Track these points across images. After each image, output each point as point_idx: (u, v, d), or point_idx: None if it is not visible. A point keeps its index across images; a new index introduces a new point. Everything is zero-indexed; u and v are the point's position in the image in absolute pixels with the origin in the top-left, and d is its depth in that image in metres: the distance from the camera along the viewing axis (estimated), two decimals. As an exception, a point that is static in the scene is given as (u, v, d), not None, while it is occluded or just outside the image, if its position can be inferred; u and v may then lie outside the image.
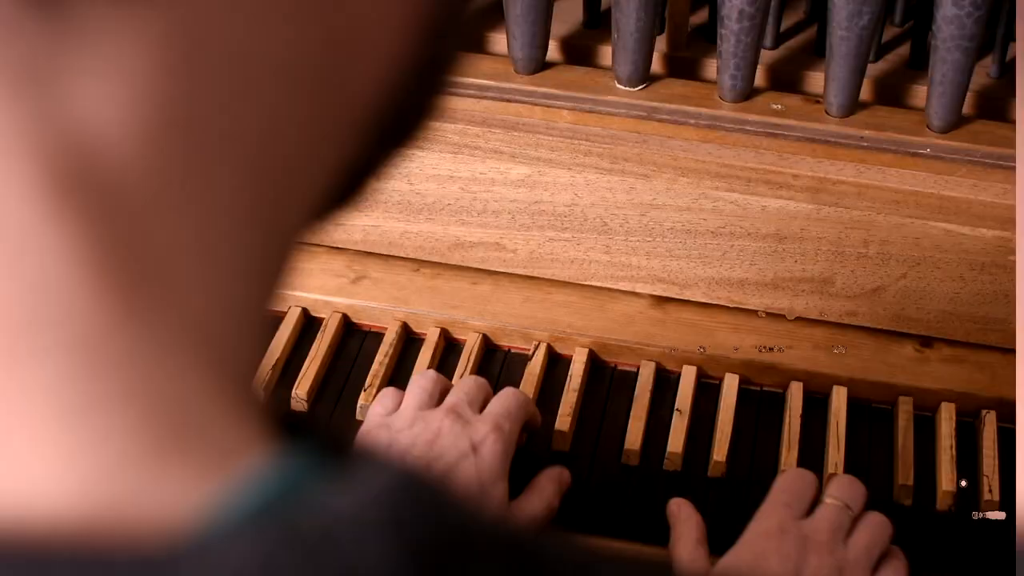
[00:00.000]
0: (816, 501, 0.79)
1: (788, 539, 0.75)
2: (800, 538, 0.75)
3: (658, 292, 0.95)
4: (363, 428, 0.84)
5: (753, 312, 0.95)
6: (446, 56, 0.29)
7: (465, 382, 0.86)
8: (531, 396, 0.90)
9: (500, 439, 0.80)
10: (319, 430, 0.24)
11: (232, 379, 0.23)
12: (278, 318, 0.97)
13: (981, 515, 0.84)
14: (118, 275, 0.21)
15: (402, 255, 0.98)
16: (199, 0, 0.21)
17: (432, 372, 0.87)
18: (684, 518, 0.82)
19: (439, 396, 0.85)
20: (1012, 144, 0.90)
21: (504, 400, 0.84)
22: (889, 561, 0.77)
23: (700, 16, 1.02)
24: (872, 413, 0.92)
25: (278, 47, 0.23)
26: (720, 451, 0.87)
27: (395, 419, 0.82)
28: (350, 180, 0.28)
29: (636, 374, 0.94)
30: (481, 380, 0.86)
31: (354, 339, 0.98)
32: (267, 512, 0.20)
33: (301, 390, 0.91)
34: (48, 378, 0.20)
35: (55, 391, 0.20)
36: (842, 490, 0.79)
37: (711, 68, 0.98)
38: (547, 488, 0.83)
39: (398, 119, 0.28)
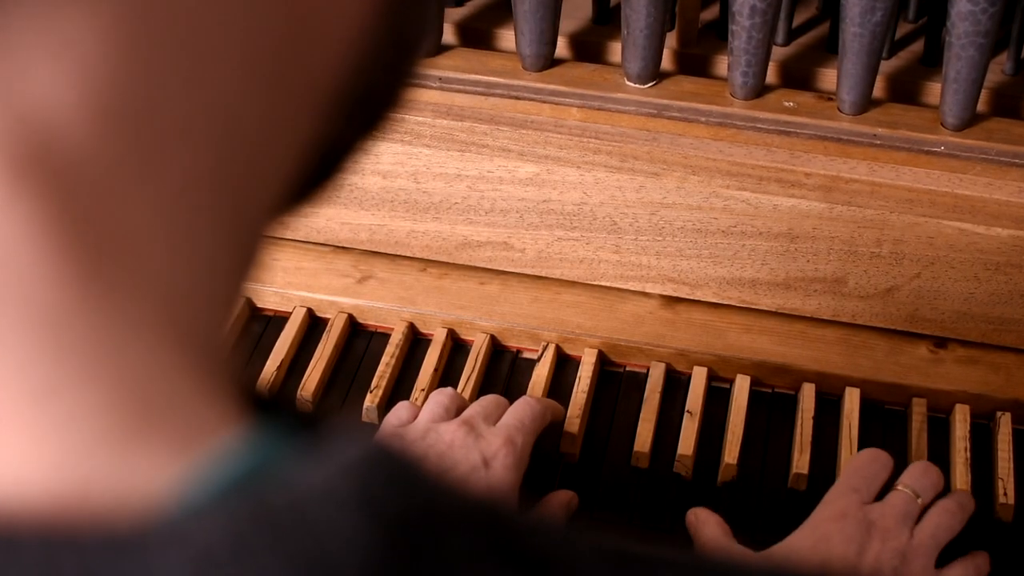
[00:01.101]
0: (888, 485, 0.80)
1: (852, 523, 0.76)
2: (865, 523, 0.76)
3: (668, 292, 0.94)
4: (375, 437, 0.83)
5: (765, 312, 0.93)
6: (408, 40, 0.28)
7: (483, 399, 0.85)
8: (540, 398, 0.89)
9: (512, 453, 0.79)
10: (290, 407, 0.24)
11: (201, 358, 0.22)
12: (283, 318, 0.96)
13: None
14: (79, 254, 0.21)
15: (409, 255, 0.97)
16: None
17: (450, 389, 0.87)
18: (703, 520, 0.82)
19: (456, 412, 0.84)
20: (1028, 142, 0.89)
21: (519, 411, 0.83)
22: (964, 559, 0.78)
23: (711, 12, 1.01)
24: (885, 415, 0.91)
25: (236, 30, 0.23)
26: (731, 453, 0.86)
27: (409, 430, 0.82)
28: (318, 168, 0.28)
29: (646, 375, 0.93)
30: (500, 398, 0.85)
31: (360, 340, 0.97)
32: (237, 489, 0.20)
33: (306, 391, 0.91)
34: (13, 359, 0.20)
35: (21, 371, 0.20)
36: (914, 478, 0.80)
37: (722, 65, 0.97)
38: (557, 514, 0.82)
39: (363, 104, 0.28)
